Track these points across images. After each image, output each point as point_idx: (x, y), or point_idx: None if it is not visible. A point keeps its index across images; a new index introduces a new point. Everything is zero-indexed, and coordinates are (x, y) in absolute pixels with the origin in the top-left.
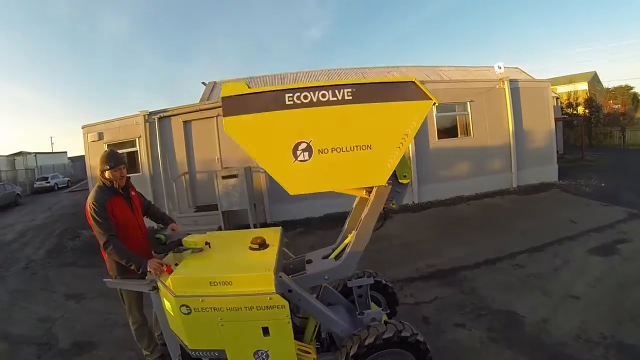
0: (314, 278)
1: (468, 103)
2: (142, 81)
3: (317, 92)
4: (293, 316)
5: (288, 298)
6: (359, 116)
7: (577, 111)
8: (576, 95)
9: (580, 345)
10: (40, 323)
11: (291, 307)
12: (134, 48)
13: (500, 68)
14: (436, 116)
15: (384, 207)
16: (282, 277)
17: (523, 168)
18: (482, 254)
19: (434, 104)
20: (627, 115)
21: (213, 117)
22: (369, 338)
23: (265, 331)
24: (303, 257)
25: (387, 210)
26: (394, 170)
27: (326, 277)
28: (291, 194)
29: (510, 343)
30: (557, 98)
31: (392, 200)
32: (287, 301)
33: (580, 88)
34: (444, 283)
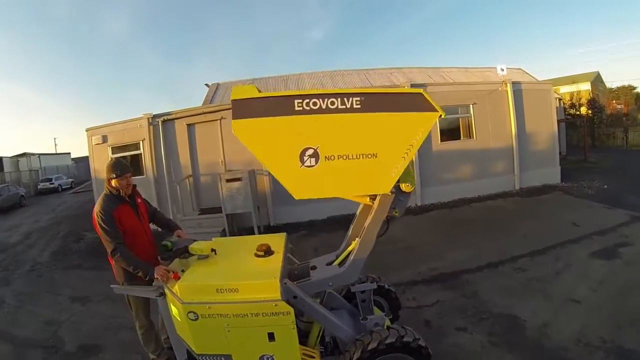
0: (319, 284)
1: (471, 105)
2: (143, 81)
3: (327, 100)
4: (297, 320)
5: (293, 304)
6: (367, 125)
7: (580, 112)
8: (579, 95)
9: (580, 349)
10: (46, 326)
11: (295, 312)
12: (135, 48)
13: (503, 70)
14: (439, 118)
15: (387, 215)
16: (287, 284)
17: (525, 170)
18: (485, 257)
19: (440, 116)
20: (630, 115)
21: (217, 120)
22: (372, 343)
23: (270, 336)
24: (307, 263)
25: (390, 218)
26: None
27: (330, 284)
28: (296, 198)
29: (511, 347)
30: (560, 99)
31: (395, 208)
32: (292, 307)
33: (583, 88)
34: (446, 287)
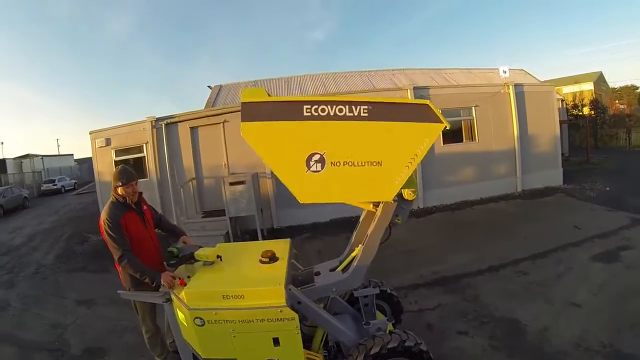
0: (322, 290)
1: (473, 108)
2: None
3: (335, 107)
4: (301, 325)
5: (297, 309)
6: (373, 133)
7: (583, 112)
8: (582, 96)
9: (580, 353)
10: (52, 329)
11: (300, 316)
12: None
13: (505, 72)
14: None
15: (390, 223)
16: (292, 290)
17: (528, 172)
18: (486, 261)
19: (445, 128)
20: (633, 116)
21: (220, 124)
22: (375, 348)
23: (275, 341)
24: (311, 269)
25: (393, 224)
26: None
27: (334, 290)
28: (301, 202)
29: (511, 351)
30: (563, 100)
31: (398, 216)
32: (297, 313)
33: (585, 88)
34: (448, 290)
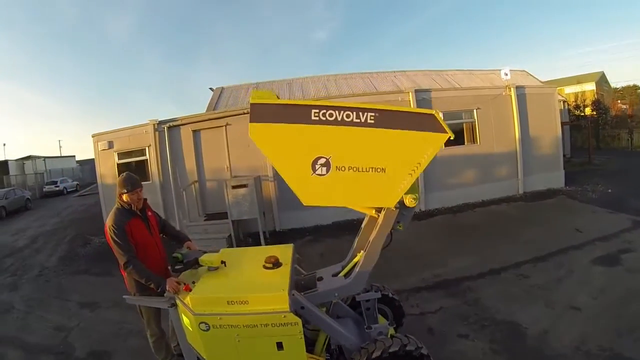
0: (325, 295)
1: (475, 110)
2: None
3: (342, 112)
4: (304, 329)
5: (300, 314)
6: (378, 140)
7: (585, 113)
8: (584, 96)
9: (579, 357)
10: (56, 332)
11: (303, 321)
12: (138, 50)
13: (506, 75)
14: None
15: (391, 229)
16: (295, 295)
17: (529, 174)
18: (487, 264)
19: (449, 138)
20: (635, 116)
21: (222, 127)
22: (376, 351)
23: (279, 346)
24: (314, 274)
25: (394, 231)
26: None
27: (336, 295)
28: (304, 204)
29: (511, 355)
30: (565, 101)
31: (399, 222)
32: (300, 317)
33: (587, 88)
34: (449, 293)
